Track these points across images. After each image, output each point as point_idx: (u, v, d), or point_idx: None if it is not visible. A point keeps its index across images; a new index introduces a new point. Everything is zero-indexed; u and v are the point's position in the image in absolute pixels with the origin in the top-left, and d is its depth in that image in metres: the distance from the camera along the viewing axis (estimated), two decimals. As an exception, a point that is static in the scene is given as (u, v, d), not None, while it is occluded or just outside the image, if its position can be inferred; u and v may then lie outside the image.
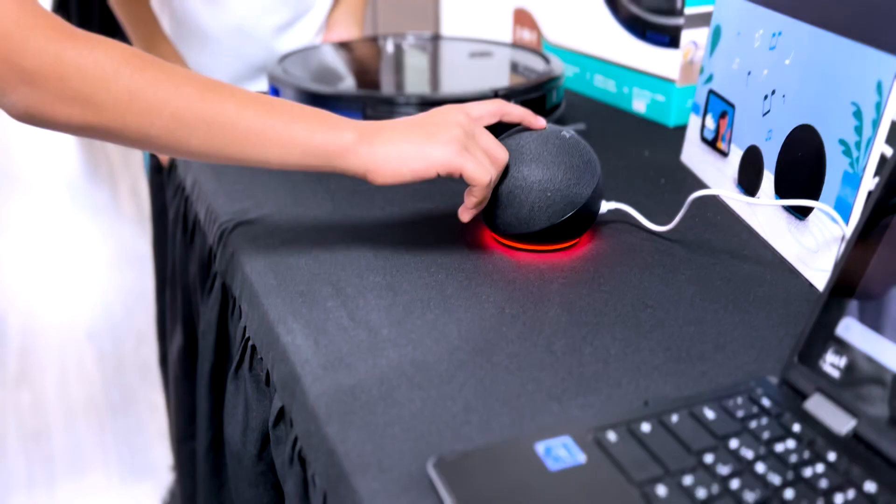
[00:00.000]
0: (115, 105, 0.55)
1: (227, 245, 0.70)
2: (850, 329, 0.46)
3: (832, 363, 0.47)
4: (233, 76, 1.10)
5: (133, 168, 3.10)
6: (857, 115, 0.58)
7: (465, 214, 0.65)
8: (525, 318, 0.58)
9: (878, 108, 0.56)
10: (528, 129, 0.67)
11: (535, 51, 1.04)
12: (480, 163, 0.61)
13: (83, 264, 2.40)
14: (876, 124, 0.56)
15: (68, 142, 3.39)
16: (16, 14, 0.52)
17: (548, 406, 0.49)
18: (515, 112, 0.67)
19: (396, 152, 0.60)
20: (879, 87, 0.56)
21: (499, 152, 0.63)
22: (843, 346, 0.46)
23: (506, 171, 0.65)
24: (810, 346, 0.48)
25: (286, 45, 1.11)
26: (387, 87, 0.94)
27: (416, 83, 0.99)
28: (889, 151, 0.70)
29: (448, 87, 0.97)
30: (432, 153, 0.60)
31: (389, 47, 1.10)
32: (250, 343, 0.62)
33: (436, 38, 1.14)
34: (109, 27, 3.51)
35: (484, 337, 0.55)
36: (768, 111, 0.70)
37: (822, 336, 0.47)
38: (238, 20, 1.08)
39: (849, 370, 0.46)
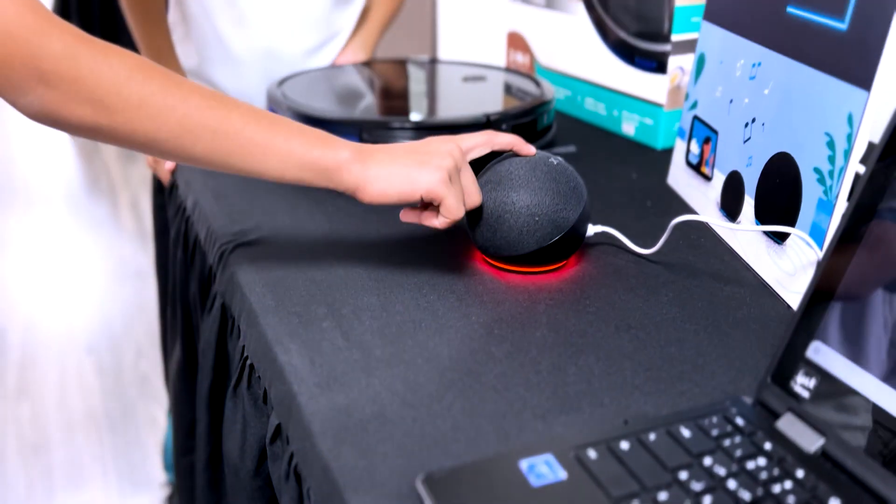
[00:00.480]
0: (125, 108, 0.58)
1: (227, 265, 0.73)
2: (820, 352, 0.49)
3: (803, 384, 0.49)
4: (261, 98, 1.13)
5: (133, 183, 3.13)
6: (830, 145, 0.61)
7: (423, 220, 0.67)
8: (513, 339, 0.60)
9: (849, 139, 0.59)
10: (517, 155, 0.70)
11: (528, 75, 1.07)
12: (459, 198, 0.64)
13: (83, 278, 2.42)
14: (847, 154, 0.59)
15: (69, 156, 3.42)
16: (32, 20, 0.55)
17: (532, 424, 0.51)
18: (505, 140, 0.70)
19: (386, 173, 0.63)
20: (850, 119, 0.59)
21: (474, 194, 0.67)
22: (812, 368, 0.49)
23: (496, 196, 0.67)
24: (782, 367, 0.50)
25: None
26: (383, 112, 0.97)
27: (411, 107, 1.02)
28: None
29: (442, 111, 0.99)
30: (419, 178, 0.63)
31: (387, 71, 1.13)
32: (248, 362, 0.64)
33: (433, 62, 1.17)
34: (110, 35, 3.55)
35: (473, 357, 0.58)
36: (749, 138, 0.73)
37: (793, 358, 0.50)
38: (266, 43, 1.11)
39: (818, 391, 0.48)
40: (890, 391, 0.44)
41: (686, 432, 0.48)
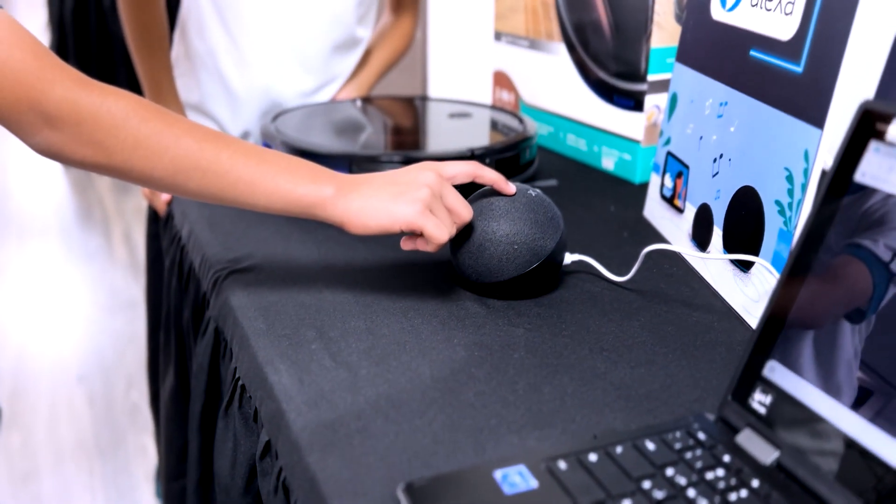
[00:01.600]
0: (122, 150, 0.63)
1: (221, 291, 0.76)
2: (775, 370, 0.52)
3: (759, 401, 0.52)
4: (258, 134, 1.17)
5: (126, 214, 3.16)
6: (790, 179, 0.65)
7: (419, 246, 0.70)
8: (492, 360, 0.63)
9: (806, 173, 0.63)
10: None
11: (512, 112, 1.11)
12: (441, 223, 0.67)
13: (75, 308, 2.44)
14: (804, 187, 0.63)
15: (62, 187, 3.46)
16: (36, 67, 0.59)
17: (507, 438, 0.54)
18: (488, 176, 0.73)
19: (367, 207, 0.67)
20: (806, 155, 0.63)
21: (462, 211, 0.69)
22: (768, 386, 0.52)
23: (477, 226, 0.71)
24: (741, 385, 0.54)
25: None
26: (373, 146, 1.01)
27: (400, 142, 1.06)
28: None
29: (430, 146, 1.03)
30: (397, 211, 0.66)
31: (378, 107, 1.17)
32: (240, 383, 0.67)
33: (423, 99, 1.22)
34: (107, 73, 3.58)
35: (454, 377, 0.61)
36: (717, 173, 0.77)
37: (751, 377, 0.53)
38: (265, 83, 1.16)
39: (773, 407, 0.52)
40: (839, 407, 0.48)
41: (651, 446, 0.51)
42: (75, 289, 2.58)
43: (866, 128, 0.48)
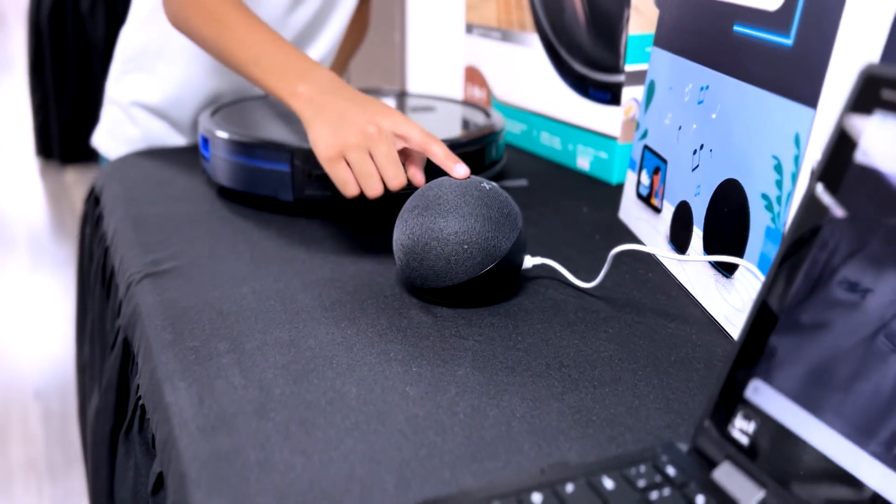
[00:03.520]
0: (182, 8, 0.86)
1: (132, 298, 0.67)
2: (759, 391, 0.43)
3: (741, 428, 0.43)
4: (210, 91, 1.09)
5: (99, 223, 3.06)
6: (778, 168, 0.56)
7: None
8: (432, 378, 0.54)
9: (797, 161, 0.54)
10: (449, 179, 0.65)
11: (480, 106, 1.03)
12: (347, 179, 0.68)
13: (40, 319, 2.34)
14: (795, 177, 0.54)
15: (37, 196, 3.36)
16: None
17: (439, 473, 0.45)
18: (438, 153, 0.67)
19: (314, 126, 0.71)
20: (797, 139, 0.54)
21: (389, 174, 0.68)
22: (751, 410, 0.43)
23: (422, 222, 0.62)
24: (719, 409, 0.45)
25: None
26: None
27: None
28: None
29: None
30: (320, 144, 0.69)
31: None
32: (141, 402, 0.58)
33: (376, 92, 1.13)
34: (84, 79, 3.48)
35: (383, 398, 0.52)
36: (697, 166, 0.68)
37: (730, 399, 0.44)
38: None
39: (758, 436, 0.42)
40: (837, 437, 0.39)
41: (609, 483, 0.42)
42: (43, 299, 2.47)
43: (869, 97, 0.39)
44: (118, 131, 1.12)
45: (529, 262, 0.68)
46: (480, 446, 0.47)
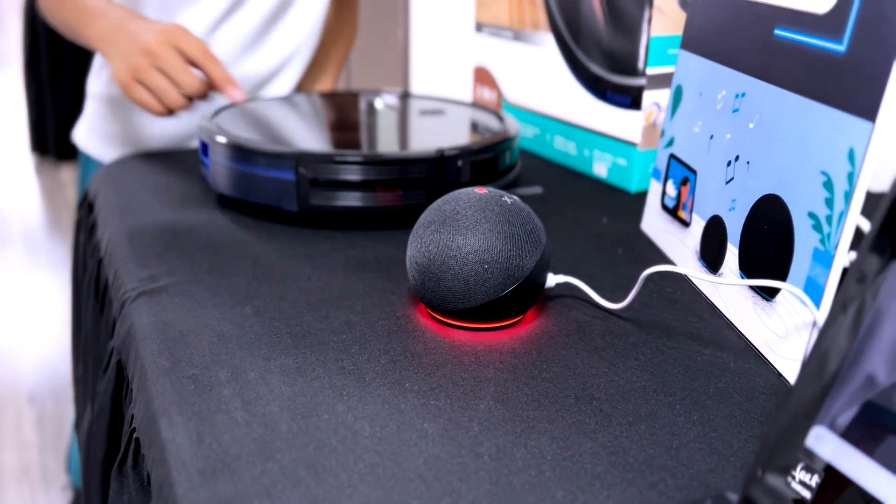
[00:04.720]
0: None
1: (126, 317, 0.62)
2: (823, 440, 0.39)
3: (802, 481, 0.39)
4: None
5: (95, 221, 3.01)
6: (828, 185, 0.52)
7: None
8: (451, 413, 0.50)
9: (851, 178, 0.50)
10: (467, 192, 0.60)
11: (492, 110, 0.98)
12: (158, 90, 0.78)
13: (35, 321, 2.29)
14: (848, 197, 0.50)
15: (33, 193, 3.31)
16: None
17: (464, 527, 0.40)
18: (215, 72, 0.79)
19: (110, 58, 0.81)
20: (852, 155, 0.50)
21: (183, 82, 0.79)
22: (814, 461, 0.39)
23: (438, 240, 0.58)
24: (775, 458, 0.40)
25: None
26: (328, 144, 0.87)
27: (355, 140, 0.92)
28: (866, 226, 0.64)
29: (393, 145, 0.90)
30: (115, 76, 0.79)
31: (340, 103, 1.04)
32: (135, 435, 0.53)
33: (374, 94, 1.08)
34: (79, 75, 3.44)
35: (400, 436, 0.47)
36: (731, 179, 0.64)
37: (789, 447, 0.40)
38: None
39: (823, 492, 0.38)
40: (916, 497, 0.34)
41: (656, 543, 0.38)
42: (38, 298, 2.43)
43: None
44: (96, 126, 1.08)
45: (552, 280, 0.63)
46: (509, 494, 0.43)
